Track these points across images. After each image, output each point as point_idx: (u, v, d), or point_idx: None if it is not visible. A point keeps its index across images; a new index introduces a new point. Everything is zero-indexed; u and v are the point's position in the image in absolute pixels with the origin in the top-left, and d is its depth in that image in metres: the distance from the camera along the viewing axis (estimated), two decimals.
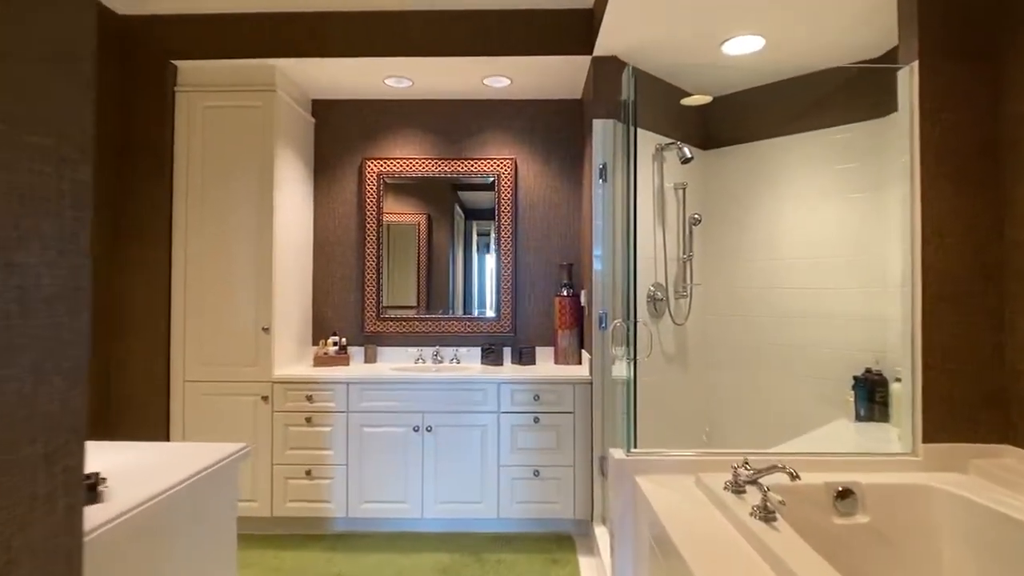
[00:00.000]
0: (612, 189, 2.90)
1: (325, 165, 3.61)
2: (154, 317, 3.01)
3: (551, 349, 3.49)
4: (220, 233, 3.07)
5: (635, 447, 2.12)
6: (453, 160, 3.54)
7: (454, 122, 3.58)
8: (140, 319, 3.02)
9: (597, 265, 2.90)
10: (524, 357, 3.34)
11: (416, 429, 2.99)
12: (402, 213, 3.55)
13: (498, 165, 3.53)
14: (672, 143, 3.12)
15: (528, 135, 3.56)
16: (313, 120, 3.59)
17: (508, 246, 3.53)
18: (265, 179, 3.05)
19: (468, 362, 3.51)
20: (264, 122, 3.06)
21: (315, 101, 3.61)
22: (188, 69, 3.08)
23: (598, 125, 2.91)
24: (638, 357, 2.30)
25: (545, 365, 3.37)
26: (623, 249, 2.39)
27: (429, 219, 3.54)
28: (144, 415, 3.00)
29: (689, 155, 3.02)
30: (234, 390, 3.04)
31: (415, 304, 3.56)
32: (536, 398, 2.96)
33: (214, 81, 3.08)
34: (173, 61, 3.04)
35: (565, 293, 3.34)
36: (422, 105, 3.59)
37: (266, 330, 3.04)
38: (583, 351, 3.32)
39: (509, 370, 3.18)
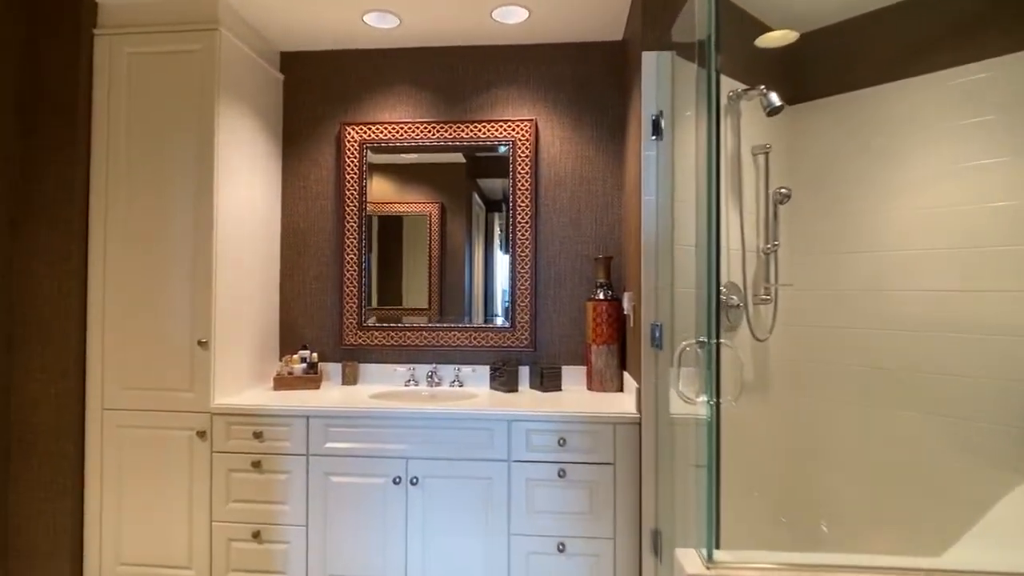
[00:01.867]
0: (670, 150, 2.05)
1: (295, 134, 2.86)
2: (64, 325, 2.30)
3: (581, 370, 2.66)
4: (150, 217, 2.33)
5: (718, 549, 1.29)
6: (455, 124, 2.74)
7: (455, 75, 2.78)
8: (45, 327, 2.30)
9: (648, 259, 2.06)
10: (546, 380, 2.52)
11: (397, 481, 2.19)
12: (410, 202, 2.76)
13: (513, 129, 2.71)
14: (751, 89, 2.26)
15: (552, 90, 2.73)
16: (281, 77, 2.84)
17: (526, 234, 2.71)
18: (204, 147, 2.31)
19: (473, 385, 2.71)
20: (203, 72, 2.31)
21: (284, 55, 2.86)
22: (111, 6, 2.36)
23: (649, 60, 2.07)
24: (722, 399, 1.46)
25: (574, 392, 2.54)
26: (700, 236, 1.55)
27: (442, 209, 2.75)
28: (51, 454, 2.28)
29: (778, 102, 2.16)
30: (164, 422, 2.31)
31: (414, 307, 2.78)
32: (562, 442, 2.13)
33: (142, 20, 2.35)
34: None
35: (601, 296, 2.51)
36: (414, 54, 2.80)
37: (203, 344, 2.30)
38: (624, 373, 2.48)
39: (526, 399, 2.37)
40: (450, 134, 2.75)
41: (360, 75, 2.82)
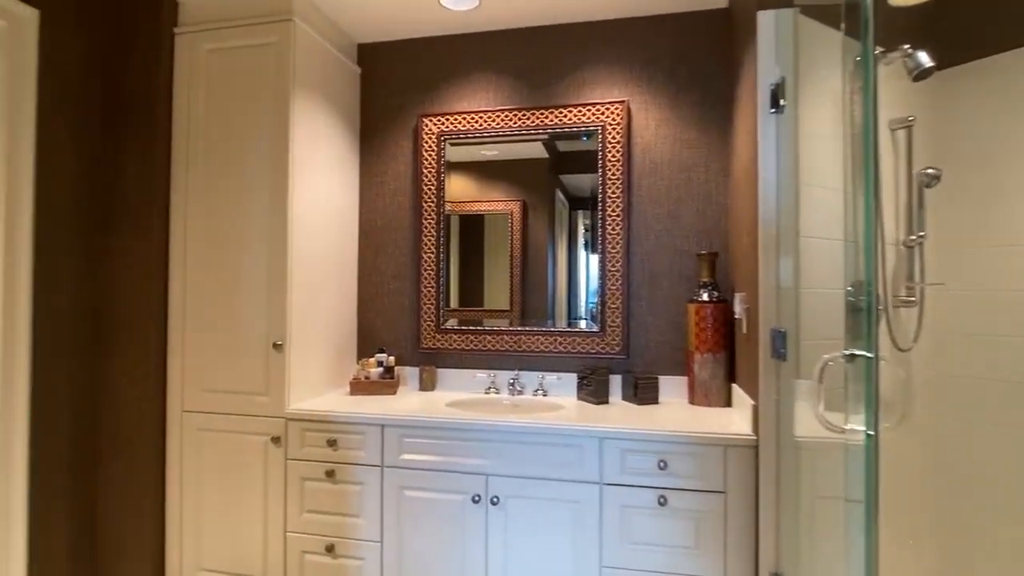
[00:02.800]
0: (792, 125, 1.74)
1: (373, 128, 2.75)
2: (145, 327, 2.28)
3: (681, 380, 2.36)
4: (227, 218, 2.28)
5: None
6: (538, 111, 2.53)
7: (538, 58, 2.57)
8: (128, 330, 2.30)
9: (767, 254, 1.75)
10: (641, 392, 2.25)
11: (477, 499, 2.00)
12: (491, 200, 2.58)
13: (602, 112, 2.46)
14: (891, 51, 1.89)
15: (646, 68, 2.46)
16: (358, 70, 2.73)
17: (617, 228, 2.45)
18: (279, 144, 2.22)
19: (558, 394, 2.47)
20: (278, 64, 2.23)
21: (361, 48, 2.76)
22: (190, 4, 2.33)
23: (767, 21, 1.76)
24: (879, 424, 1.15)
25: (673, 405, 2.25)
26: (848, 227, 1.25)
27: (524, 207, 2.56)
28: (134, 455, 2.27)
29: (928, 62, 1.79)
30: (240, 426, 2.24)
31: (494, 309, 2.59)
32: (662, 465, 1.86)
33: (220, 15, 2.31)
34: None
35: (705, 297, 2.21)
36: (493, 38, 2.61)
37: (278, 346, 2.21)
38: (733, 386, 2.17)
39: (618, 412, 2.11)
40: (533, 121, 2.53)
41: (438, 64, 2.67)
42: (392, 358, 2.52)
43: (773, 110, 1.75)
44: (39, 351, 2.13)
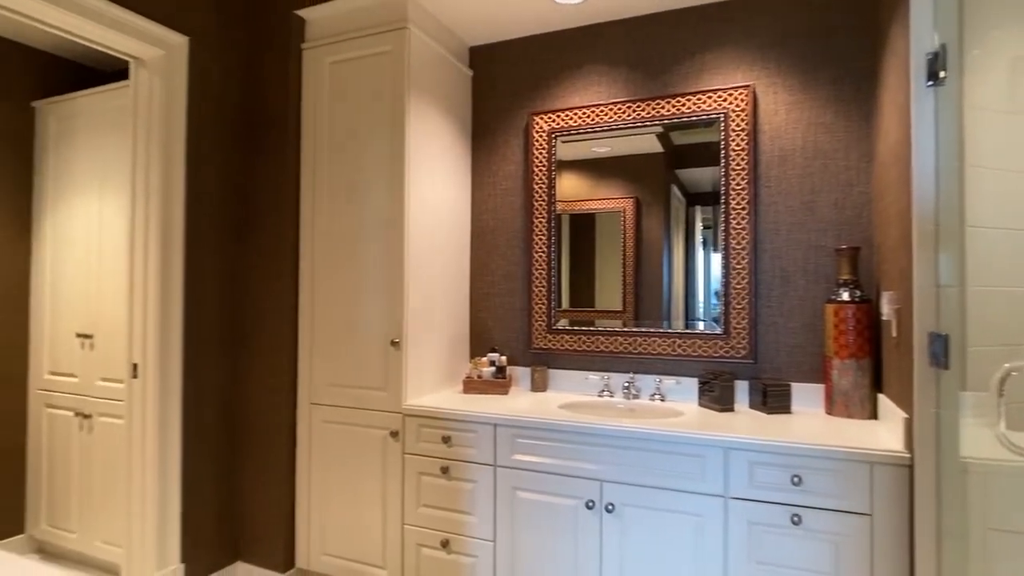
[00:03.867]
0: (955, 100, 1.51)
1: (484, 129, 2.77)
2: (277, 324, 2.45)
3: (818, 388, 2.15)
4: (348, 220, 2.39)
5: None
6: (653, 101, 2.42)
7: (652, 46, 2.45)
8: (263, 327, 2.48)
9: (924, 247, 1.53)
10: (771, 399, 2.07)
11: (591, 505, 1.93)
12: (603, 198, 2.52)
13: (724, 99, 2.30)
14: None
15: (774, 47, 2.27)
16: (470, 72, 2.77)
17: (742, 223, 2.27)
18: (396, 148, 2.30)
19: (677, 399, 2.34)
20: (394, 71, 2.30)
21: (473, 51, 2.79)
22: (316, 20, 2.47)
23: None
24: None
25: (808, 416, 2.05)
26: None
27: (637, 204, 2.47)
28: (268, 444, 2.45)
29: None
30: (361, 419, 2.33)
31: (606, 310, 2.51)
32: (796, 480, 1.69)
33: (341, 29, 2.43)
34: (298, 12, 2.45)
35: (845, 297, 1.99)
36: (604, 30, 2.53)
37: (395, 344, 2.28)
38: (880, 396, 1.93)
39: (745, 421, 1.95)
40: (647, 113, 2.43)
41: (548, 61, 2.63)
42: (504, 358, 2.51)
43: (930, 83, 1.52)
44: (188, 343, 2.35)
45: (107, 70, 3.19)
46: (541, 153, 2.61)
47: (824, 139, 2.18)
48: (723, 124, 2.30)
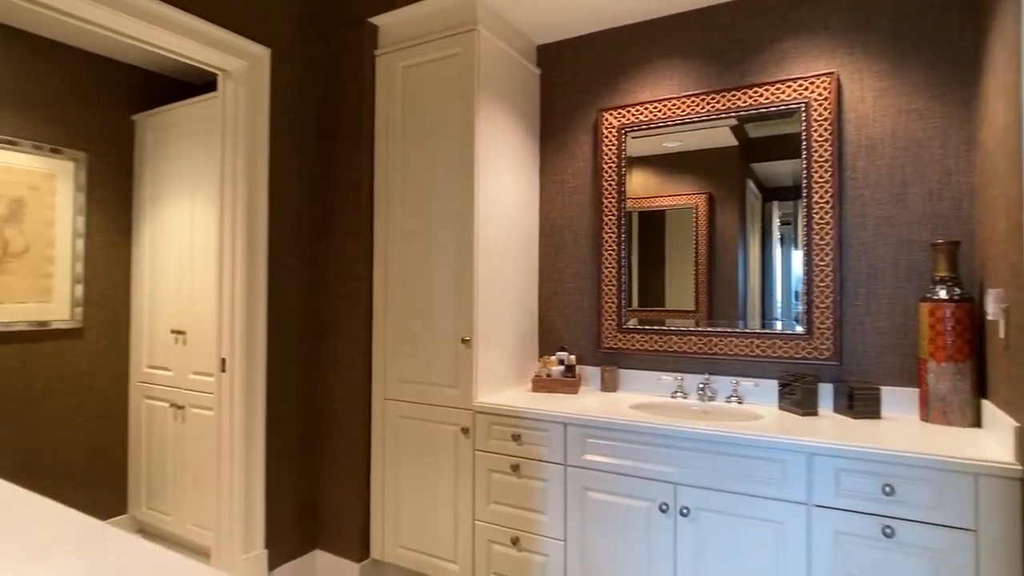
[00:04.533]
0: None
1: (552, 127, 2.76)
2: (353, 322, 2.54)
3: (911, 393, 2.01)
4: (419, 221, 2.44)
5: None
6: (728, 93, 2.33)
7: (727, 36, 2.37)
8: (340, 324, 2.57)
9: None
10: (858, 404, 1.95)
11: (664, 508, 1.89)
12: (674, 195, 2.47)
13: (805, 88, 2.19)
14: None
15: (860, 31, 2.14)
16: (538, 71, 2.77)
17: (825, 217, 2.16)
18: (465, 149, 2.32)
19: (755, 401, 2.25)
20: (463, 72, 2.33)
21: (540, 49, 2.79)
22: (388, 26, 2.54)
23: None
24: None
25: (900, 422, 1.92)
26: None
27: (710, 200, 2.40)
28: (344, 437, 2.54)
29: None
30: (433, 415, 2.38)
31: (678, 309, 2.45)
32: (888, 490, 1.58)
33: (413, 33, 2.48)
34: (372, 20, 2.53)
35: (943, 295, 1.85)
36: (676, 21, 2.46)
37: (466, 342, 2.31)
38: (984, 403, 1.78)
39: (830, 426, 1.85)
40: (722, 105, 2.35)
41: (617, 56, 2.60)
42: (573, 357, 2.50)
43: None
44: (271, 340, 2.47)
45: (196, 83, 3.40)
46: (610, 150, 2.58)
47: (917, 126, 2.04)
48: (804, 114, 2.19)
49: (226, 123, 2.38)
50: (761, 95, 2.27)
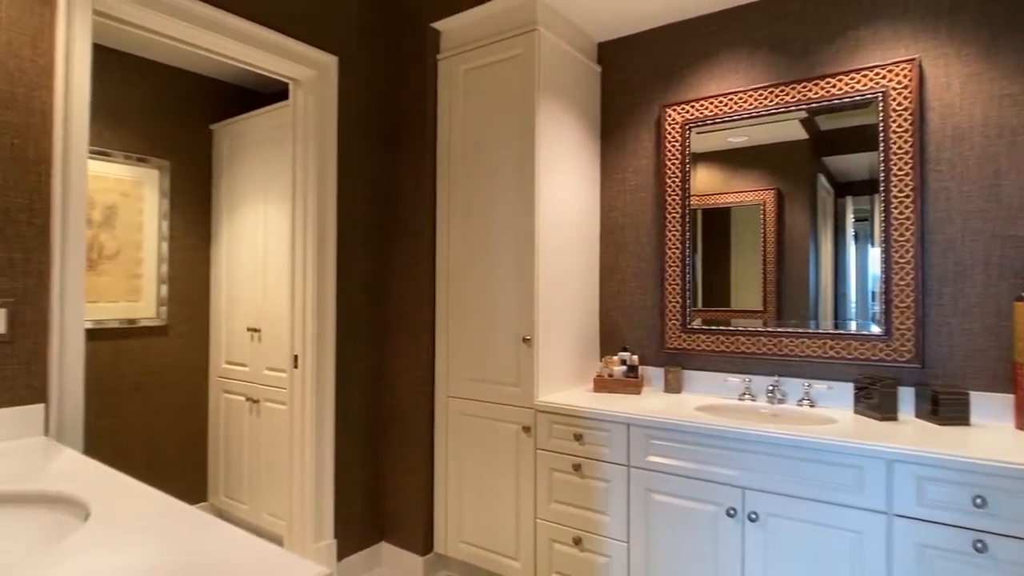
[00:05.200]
0: None
1: (613, 125, 2.73)
2: (417, 320, 2.60)
3: (1006, 399, 1.88)
4: (480, 221, 2.47)
5: None
6: (798, 84, 2.25)
7: (795, 25, 2.28)
8: (404, 322, 2.64)
9: None
10: (943, 409, 1.84)
11: (732, 513, 1.84)
12: (739, 191, 2.41)
13: (883, 76, 2.09)
14: None
15: (944, 13, 2.01)
16: (598, 69, 2.75)
17: (906, 212, 2.05)
18: (526, 146, 2.34)
19: (828, 404, 2.16)
20: (524, 73, 2.35)
21: (601, 46, 2.77)
22: (450, 31, 2.59)
23: None
24: None
25: (991, 429, 1.80)
26: None
27: (778, 196, 2.32)
28: (408, 433, 2.60)
29: None
30: (495, 413, 2.41)
31: (744, 309, 2.39)
32: (979, 502, 1.49)
33: (474, 36, 2.51)
34: (433, 25, 2.58)
35: None
36: (745, 12, 2.39)
37: (527, 341, 2.32)
38: None
39: (911, 432, 1.76)
40: (792, 97, 2.26)
41: (681, 50, 2.55)
42: (635, 357, 2.47)
43: None
44: (340, 336, 2.56)
45: (267, 92, 3.56)
46: (674, 146, 2.53)
47: (1011, 113, 1.90)
48: (881, 104, 2.09)
49: (297, 130, 2.49)
50: (834, 86, 2.18)
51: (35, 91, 1.67)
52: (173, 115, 3.19)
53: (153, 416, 3.08)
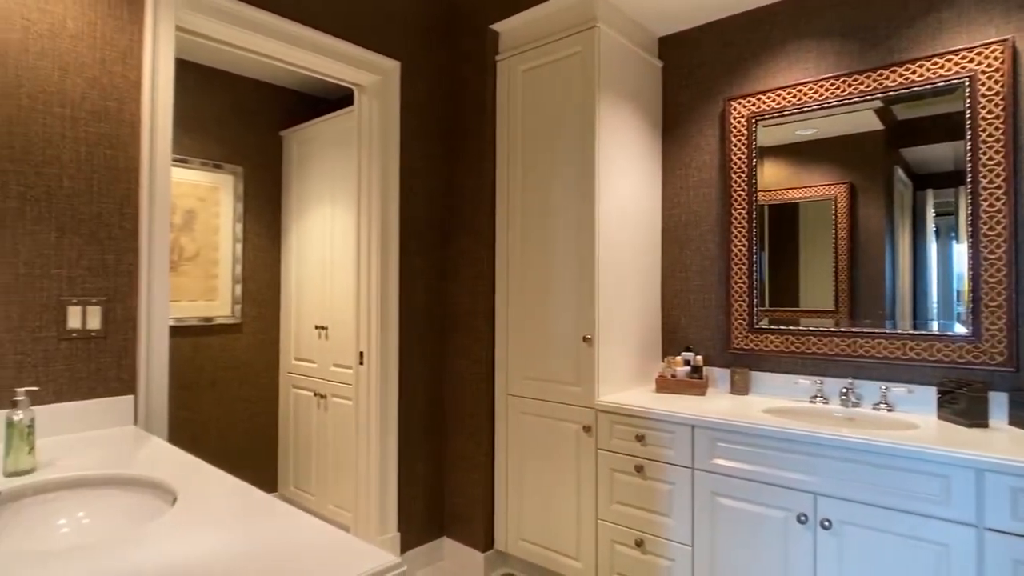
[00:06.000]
0: None
1: (675, 120, 2.68)
2: (477, 318, 2.62)
3: None
4: (540, 220, 2.48)
5: None
6: (874, 72, 2.14)
7: (874, 9, 2.17)
8: (465, 320, 2.67)
9: None
10: None
11: (803, 519, 1.77)
12: (808, 186, 2.32)
13: (969, 59, 1.96)
14: None
15: None
16: (660, 64, 2.70)
17: (996, 205, 1.92)
18: (586, 144, 2.32)
19: (908, 409, 2.05)
20: (583, 71, 2.33)
21: (663, 40, 2.72)
22: (509, 31, 2.60)
23: None
24: None
25: None
26: None
27: (851, 190, 2.23)
28: (469, 429, 2.64)
29: None
30: (554, 412, 2.40)
31: (814, 309, 2.29)
32: None
33: (533, 36, 2.52)
34: (492, 26, 2.60)
35: None
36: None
37: (587, 340, 2.30)
38: None
39: (1004, 440, 1.64)
40: (867, 86, 2.16)
41: (745, 42, 2.47)
42: (700, 357, 2.41)
43: None
44: (403, 334, 2.62)
45: (332, 99, 3.68)
46: (739, 140, 2.46)
47: None
48: (968, 90, 1.96)
49: (361, 133, 2.56)
50: (913, 72, 2.06)
51: (125, 104, 1.79)
52: (246, 123, 3.34)
53: (228, 409, 3.24)
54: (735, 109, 2.46)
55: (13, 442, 1.27)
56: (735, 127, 2.46)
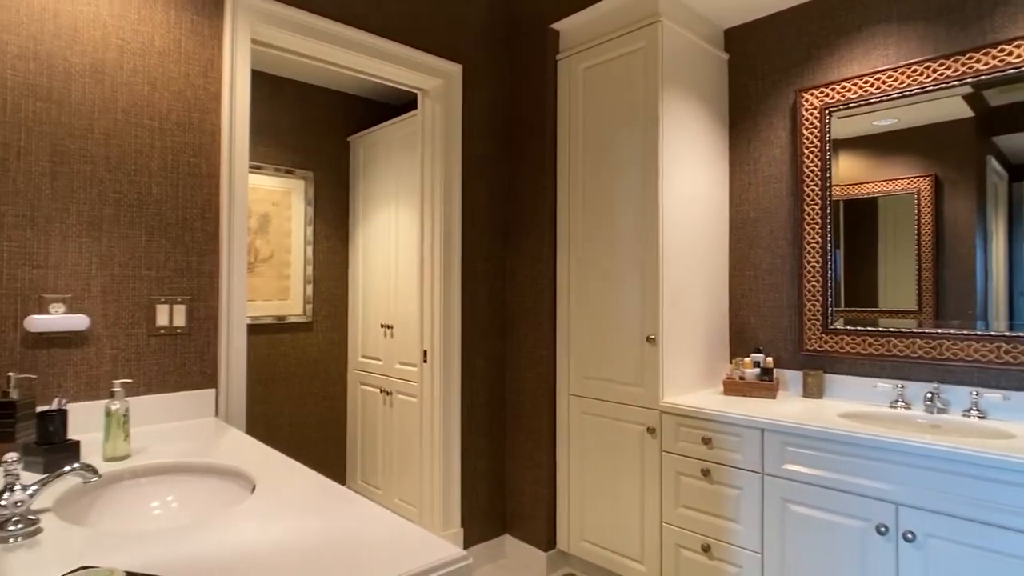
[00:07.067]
0: None
1: (743, 114, 2.59)
2: (538, 318, 2.63)
3: None
4: (602, 218, 2.46)
5: None
6: (962, 56, 2.00)
7: None
8: (526, 319, 2.68)
9: None
10: None
11: (883, 530, 1.68)
12: (887, 179, 2.20)
13: None
14: None
15: None
16: (725, 56, 2.62)
17: None
18: (649, 141, 2.29)
19: (1003, 416, 1.90)
20: (646, 66, 2.29)
21: (728, 32, 2.64)
22: (569, 30, 2.59)
23: None
24: None
25: None
26: None
27: (935, 183, 2.10)
28: (531, 429, 2.65)
29: None
30: (617, 413, 2.38)
31: (895, 309, 2.17)
32: None
33: (594, 33, 2.50)
34: (553, 26, 2.60)
35: None
36: None
37: (651, 340, 2.27)
38: None
39: None
40: (955, 71, 2.02)
41: (816, 30, 2.36)
42: (770, 359, 2.32)
43: None
44: (466, 333, 2.65)
45: (397, 104, 3.78)
46: (812, 132, 2.35)
47: None
48: None
49: (425, 137, 2.62)
50: (1010, 53, 1.91)
51: (207, 115, 1.90)
52: (316, 130, 3.48)
53: (299, 404, 3.39)
54: (807, 100, 2.36)
55: (111, 430, 1.37)
56: (807, 119, 2.36)
